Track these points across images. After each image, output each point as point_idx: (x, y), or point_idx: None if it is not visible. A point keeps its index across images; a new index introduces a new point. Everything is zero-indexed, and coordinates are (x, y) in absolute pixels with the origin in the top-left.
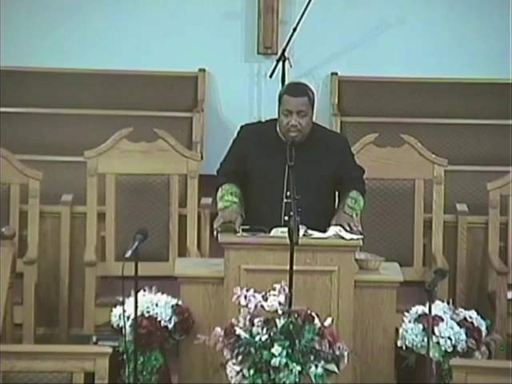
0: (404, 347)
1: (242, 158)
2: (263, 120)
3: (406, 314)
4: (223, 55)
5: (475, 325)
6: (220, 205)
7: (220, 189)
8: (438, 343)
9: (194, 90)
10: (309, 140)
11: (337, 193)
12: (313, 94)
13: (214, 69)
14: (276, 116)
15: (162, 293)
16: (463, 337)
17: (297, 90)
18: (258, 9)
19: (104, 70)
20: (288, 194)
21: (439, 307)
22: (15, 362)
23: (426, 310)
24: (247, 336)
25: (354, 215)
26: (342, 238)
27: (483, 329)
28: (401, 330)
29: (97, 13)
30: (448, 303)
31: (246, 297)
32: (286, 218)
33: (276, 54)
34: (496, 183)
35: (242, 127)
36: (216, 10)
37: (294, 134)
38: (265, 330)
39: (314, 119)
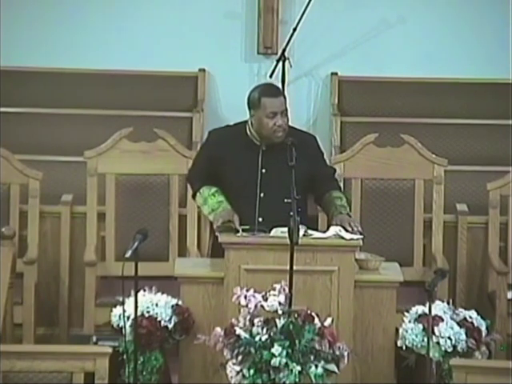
0: (404, 347)
1: (214, 161)
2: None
3: (405, 313)
4: (223, 55)
5: (475, 325)
6: (206, 209)
7: (198, 194)
8: (438, 343)
9: (194, 90)
10: (281, 141)
11: (311, 194)
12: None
13: (213, 69)
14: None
15: (162, 293)
16: (463, 337)
17: (274, 90)
18: (258, 9)
19: (104, 70)
20: (262, 195)
21: (439, 307)
22: (15, 362)
23: (426, 310)
24: (247, 336)
25: (348, 211)
26: (342, 237)
27: (483, 329)
28: (401, 330)
29: (97, 13)
30: (448, 303)
31: (246, 297)
32: (261, 219)
33: (276, 54)
34: (496, 183)
35: (210, 132)
36: (216, 10)
37: (280, 133)
38: (265, 330)
39: (314, 119)
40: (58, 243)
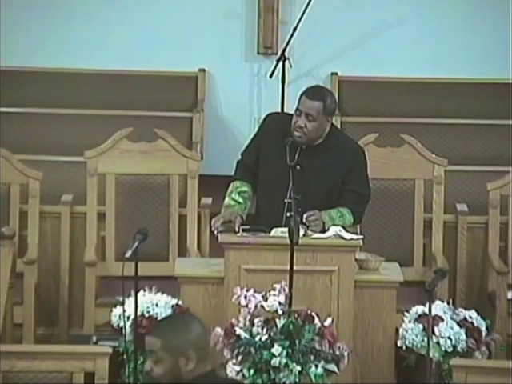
0: (404, 347)
1: (260, 147)
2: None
3: (406, 313)
4: (223, 55)
5: (475, 325)
6: (226, 201)
7: (232, 184)
8: (438, 343)
9: (194, 90)
10: (323, 144)
11: None
12: (333, 101)
13: (213, 69)
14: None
15: (162, 293)
16: (463, 337)
17: (314, 93)
18: (258, 9)
19: (104, 70)
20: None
21: (439, 307)
22: (15, 362)
23: (426, 310)
24: (247, 336)
25: (328, 223)
26: (342, 237)
27: (483, 329)
28: (401, 330)
29: (97, 13)
30: (448, 303)
31: (246, 297)
32: (288, 214)
33: (276, 54)
34: (496, 183)
35: (267, 115)
36: (216, 10)
37: (298, 134)
38: (265, 330)
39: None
40: (58, 243)
